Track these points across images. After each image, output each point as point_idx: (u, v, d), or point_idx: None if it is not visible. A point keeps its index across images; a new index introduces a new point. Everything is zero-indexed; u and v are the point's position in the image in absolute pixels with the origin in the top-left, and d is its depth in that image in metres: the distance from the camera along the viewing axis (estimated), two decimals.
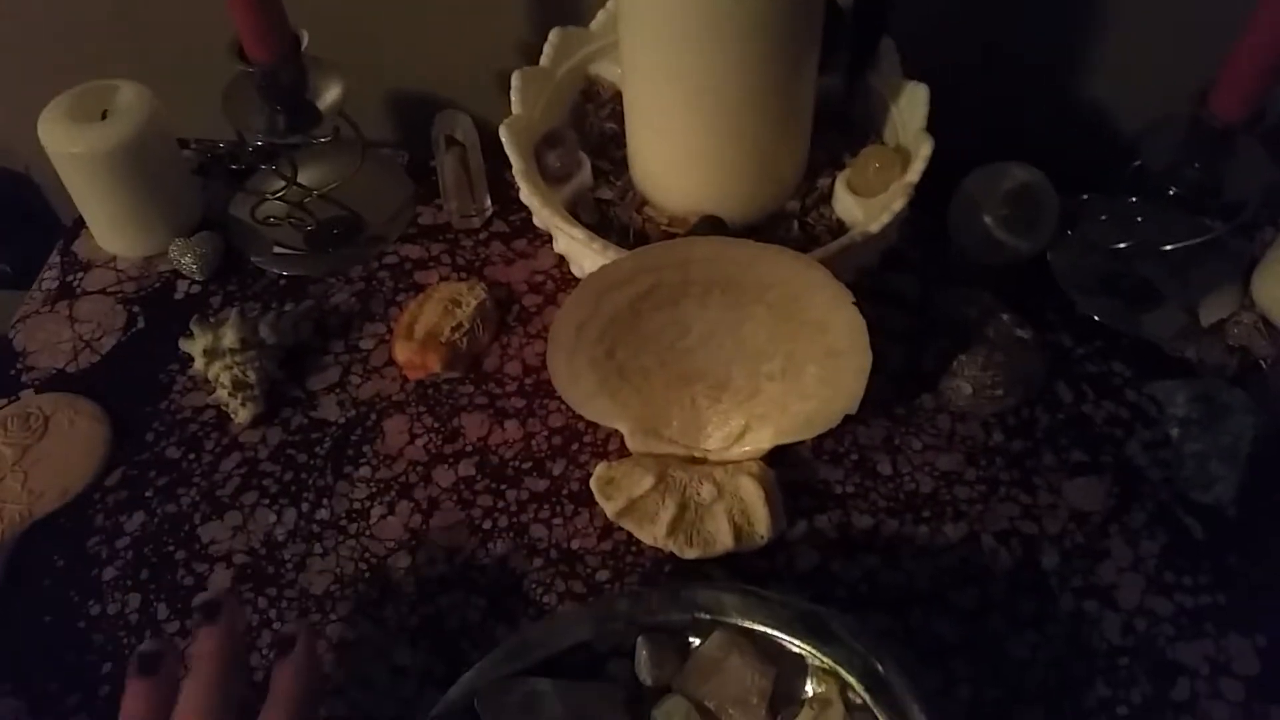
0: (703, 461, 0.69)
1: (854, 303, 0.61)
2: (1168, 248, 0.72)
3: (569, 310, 0.63)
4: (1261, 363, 0.72)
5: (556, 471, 0.70)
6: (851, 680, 0.54)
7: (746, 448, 0.69)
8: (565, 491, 0.69)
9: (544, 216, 0.67)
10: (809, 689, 0.57)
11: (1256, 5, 0.61)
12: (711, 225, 0.67)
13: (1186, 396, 0.67)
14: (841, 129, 0.74)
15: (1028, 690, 0.60)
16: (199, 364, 0.73)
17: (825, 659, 0.55)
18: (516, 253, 0.81)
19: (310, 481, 0.70)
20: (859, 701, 0.54)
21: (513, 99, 0.70)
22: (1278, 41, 0.62)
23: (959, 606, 0.63)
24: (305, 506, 0.69)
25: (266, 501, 0.69)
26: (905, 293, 0.77)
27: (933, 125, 0.69)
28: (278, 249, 0.83)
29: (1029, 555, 0.65)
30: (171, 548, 0.68)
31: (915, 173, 0.66)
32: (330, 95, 0.76)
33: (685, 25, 0.60)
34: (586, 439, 0.71)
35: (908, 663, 0.58)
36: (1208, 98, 0.67)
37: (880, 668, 0.53)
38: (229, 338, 0.72)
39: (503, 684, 0.55)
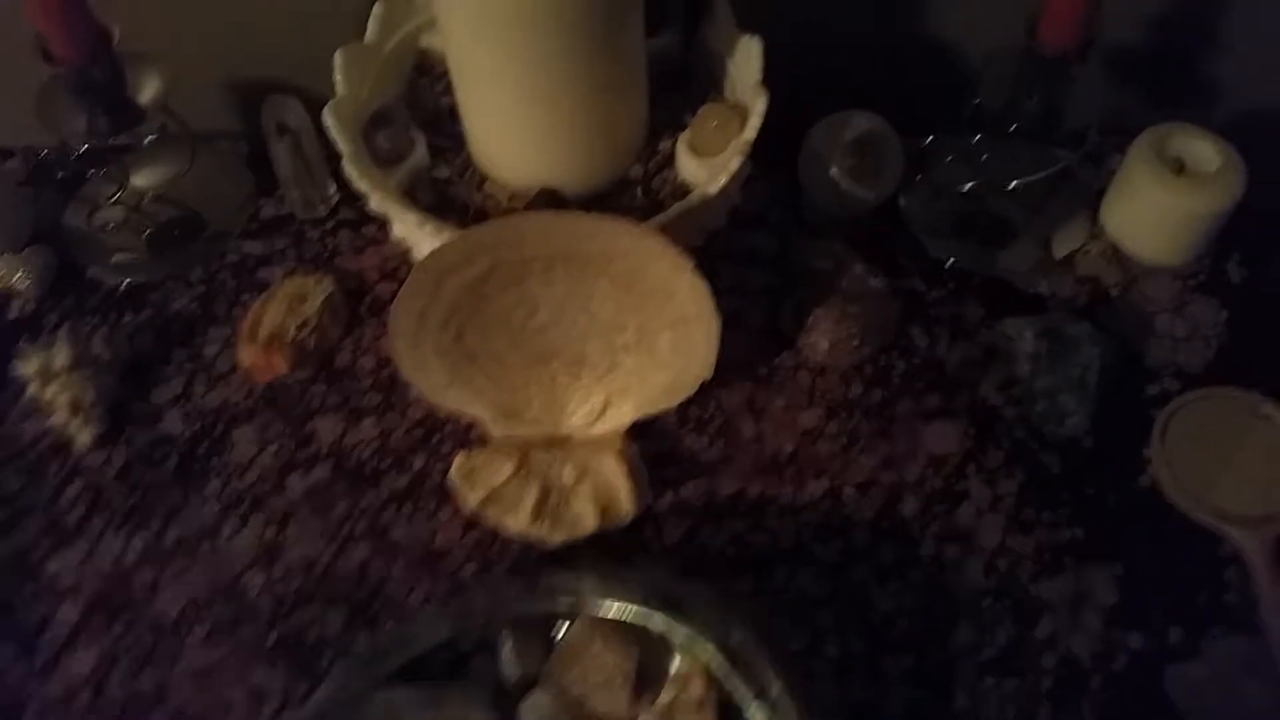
0: (566, 441, 0.68)
1: (694, 267, 0.60)
2: (1014, 184, 0.72)
3: (406, 298, 0.61)
4: (1111, 291, 0.73)
5: (417, 466, 0.68)
6: (709, 653, 0.54)
7: (610, 423, 0.68)
8: (427, 486, 0.67)
9: (376, 201, 0.64)
10: (675, 666, 0.57)
11: None
12: (547, 199, 0.65)
13: (1034, 332, 0.68)
14: (681, 88, 0.72)
15: (895, 640, 0.61)
16: (34, 387, 0.70)
17: (683, 632, 0.54)
18: (367, 239, 0.78)
19: (159, 501, 0.68)
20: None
21: (336, 79, 0.67)
22: None
23: (823, 561, 0.64)
24: (155, 527, 0.67)
25: (115, 526, 0.67)
26: (762, 250, 0.76)
27: (771, 78, 0.67)
28: (118, 256, 0.79)
29: (889, 504, 0.65)
30: (17, 584, 0.65)
31: (751, 129, 0.64)
32: (150, 90, 0.72)
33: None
34: (448, 429, 0.70)
35: (768, 627, 0.58)
36: (1037, 28, 0.66)
37: (735, 637, 0.53)
38: (62, 357, 0.69)
39: (359, 697, 0.54)
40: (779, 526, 0.65)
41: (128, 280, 0.78)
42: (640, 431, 0.68)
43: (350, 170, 0.64)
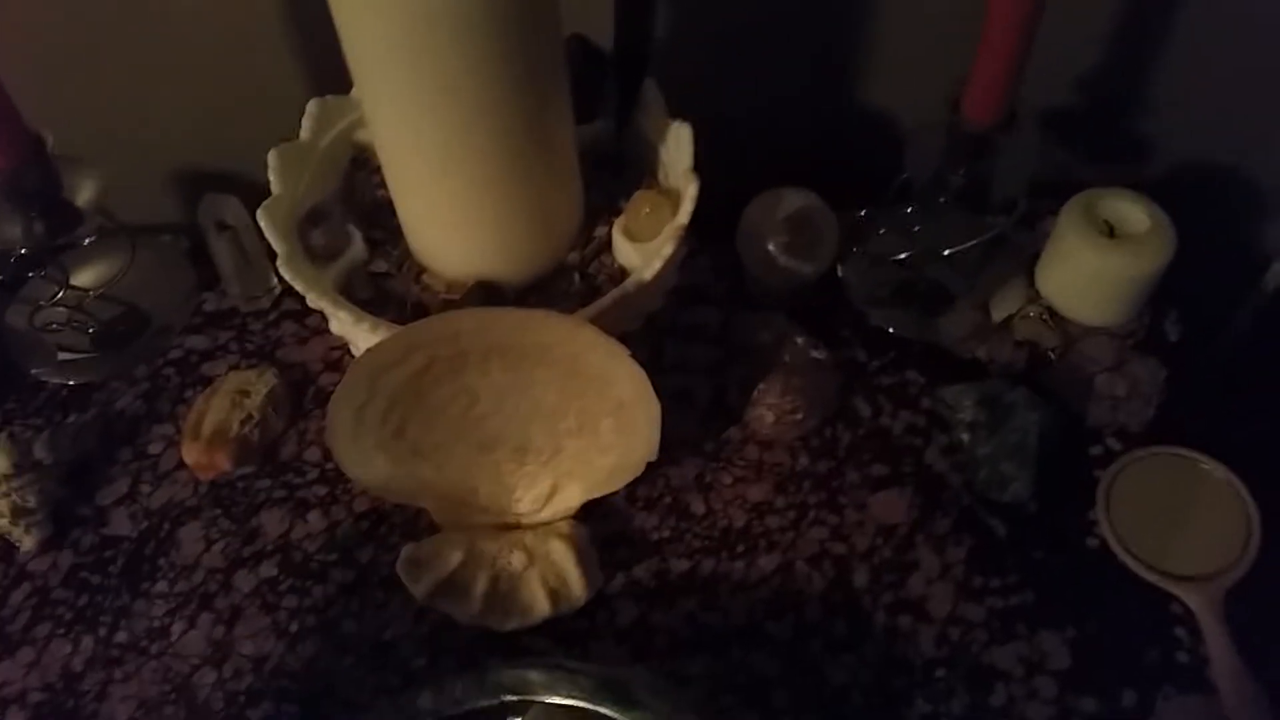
0: (516, 527, 0.68)
1: (630, 355, 0.60)
2: (947, 252, 0.73)
3: (342, 396, 0.61)
4: (1050, 353, 0.74)
5: (365, 559, 0.68)
6: None
7: (557, 507, 0.68)
8: (375, 579, 0.67)
9: (313, 299, 0.65)
10: None
11: (987, 10, 0.62)
12: (484, 291, 0.66)
13: (973, 400, 0.68)
14: (616, 173, 0.73)
15: (849, 715, 0.61)
16: None
17: None
18: (310, 329, 0.78)
19: (106, 604, 0.67)
20: None
21: (271, 178, 0.67)
22: (1012, 43, 0.63)
23: (776, 638, 0.63)
24: (103, 631, 0.66)
25: (61, 631, 0.66)
26: (707, 325, 0.77)
27: (705, 159, 0.68)
28: (63, 355, 0.79)
29: (841, 576, 0.65)
30: None
31: (684, 214, 0.65)
32: (87, 192, 0.72)
33: (415, 85, 0.58)
34: (395, 519, 0.69)
35: (722, 709, 0.58)
36: (960, 104, 0.68)
37: None
38: (2, 464, 0.68)
39: None
40: (731, 604, 0.65)
41: (72, 380, 0.77)
42: (589, 512, 0.67)
43: (286, 271, 0.64)
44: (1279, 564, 0.64)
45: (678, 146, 0.69)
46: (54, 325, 0.79)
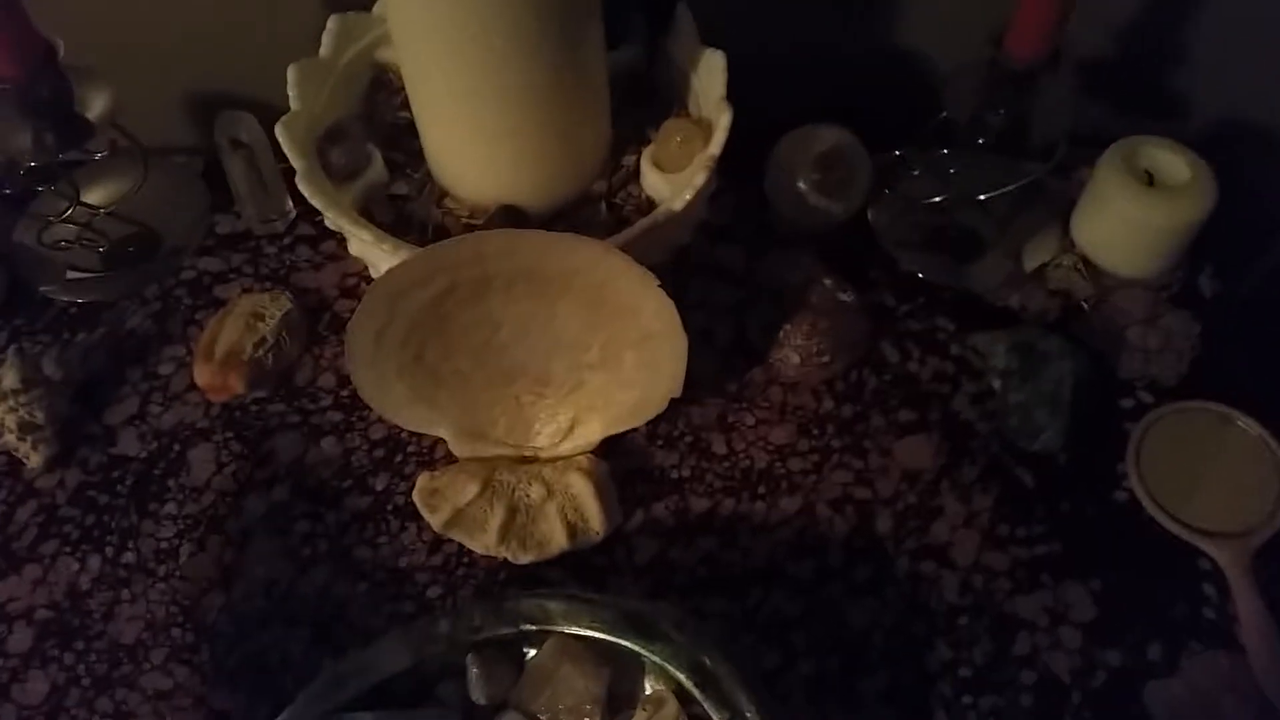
0: (534, 460, 0.67)
1: (659, 284, 0.58)
2: (982, 197, 0.72)
3: (361, 318, 0.60)
4: (1083, 304, 0.72)
5: (380, 487, 0.66)
6: (680, 676, 0.52)
7: (577, 442, 0.66)
8: (390, 507, 0.66)
9: (331, 218, 0.63)
10: (647, 687, 0.55)
11: None
12: (509, 216, 0.64)
13: (1006, 347, 0.67)
14: (644, 102, 0.71)
15: (870, 658, 0.60)
16: None
17: (653, 657, 0.53)
18: (325, 255, 0.77)
19: (114, 524, 0.66)
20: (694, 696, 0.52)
21: (290, 94, 0.65)
22: None
23: (797, 579, 0.62)
24: (110, 551, 0.65)
25: (68, 550, 0.65)
26: (730, 264, 0.75)
27: (736, 91, 0.66)
28: (72, 274, 0.77)
29: (864, 521, 0.64)
30: None
31: (716, 145, 0.63)
32: (99, 105, 0.70)
33: (448, 4, 0.56)
34: (410, 449, 0.68)
35: (742, 648, 0.57)
36: (1004, 41, 0.66)
37: (707, 660, 0.52)
38: (9, 379, 0.67)
39: None
40: (751, 545, 0.64)
41: (81, 299, 0.75)
42: (609, 449, 0.66)
43: (304, 187, 0.63)
44: None
45: (710, 74, 0.67)
46: (63, 243, 0.77)
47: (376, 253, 0.62)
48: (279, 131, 0.63)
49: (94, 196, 0.77)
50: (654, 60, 0.70)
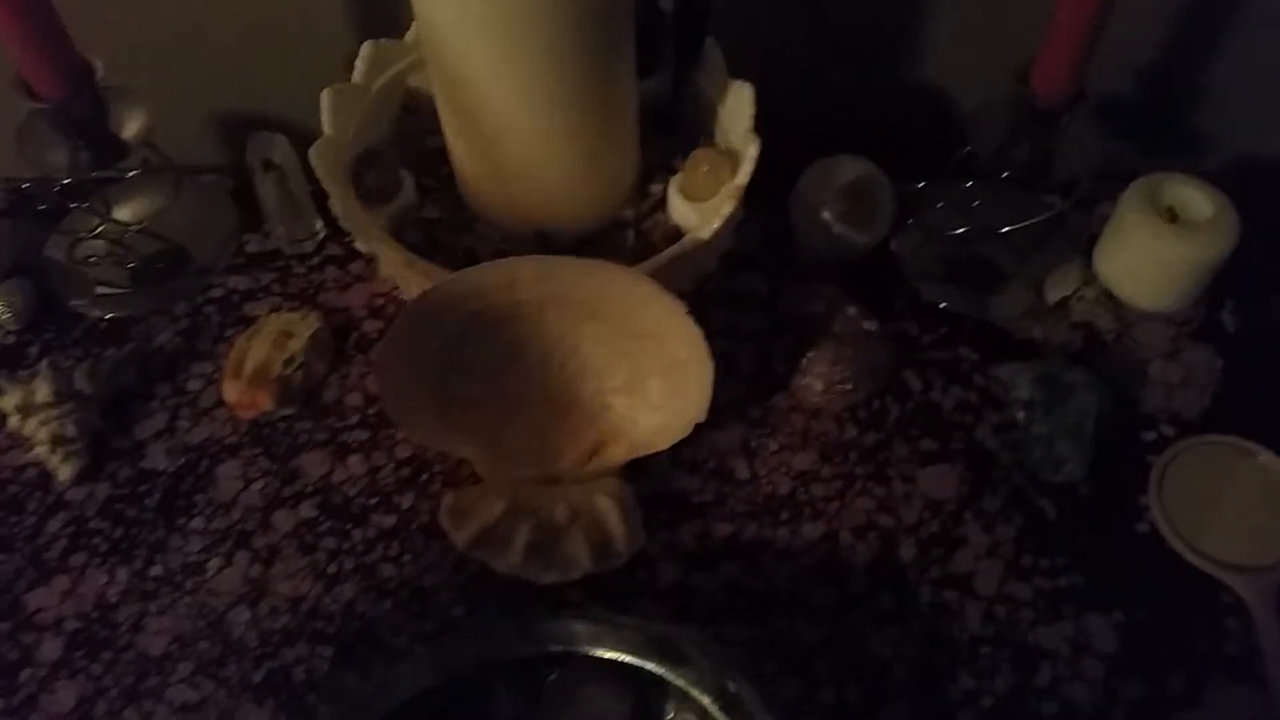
0: (557, 482, 0.67)
1: (687, 312, 0.59)
2: (1005, 229, 0.72)
3: (393, 340, 0.60)
4: (1106, 337, 0.73)
5: (405, 505, 0.67)
6: (704, 701, 0.52)
7: (601, 464, 0.67)
8: (415, 525, 0.66)
9: (364, 240, 0.64)
10: (670, 711, 0.55)
11: None
12: (539, 242, 0.65)
13: (1029, 378, 0.67)
14: (672, 132, 0.72)
15: (892, 688, 0.60)
16: (14, 421, 0.69)
17: (678, 681, 0.53)
18: (353, 276, 0.77)
19: (142, 537, 0.66)
20: None
21: (324, 119, 0.66)
22: (1088, 17, 0.62)
23: (819, 607, 0.62)
24: (138, 564, 0.65)
25: (97, 561, 0.65)
26: (754, 292, 0.75)
27: (763, 123, 0.67)
28: (101, 289, 0.78)
29: (886, 549, 0.64)
30: None
31: (744, 175, 0.64)
32: (134, 125, 0.71)
33: (485, 34, 0.57)
34: (436, 468, 0.68)
35: (764, 675, 0.57)
36: (1029, 77, 0.67)
37: (731, 685, 0.52)
38: (42, 392, 0.68)
39: None
40: (774, 571, 0.64)
41: (110, 314, 0.76)
42: (633, 472, 0.67)
43: (337, 210, 0.64)
44: None
45: (738, 106, 0.68)
46: (93, 258, 0.78)
47: (408, 275, 0.62)
48: (313, 157, 0.64)
49: (125, 213, 0.79)
50: (682, 91, 0.71)
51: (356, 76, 0.70)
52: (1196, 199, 0.71)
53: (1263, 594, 0.61)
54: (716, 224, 0.63)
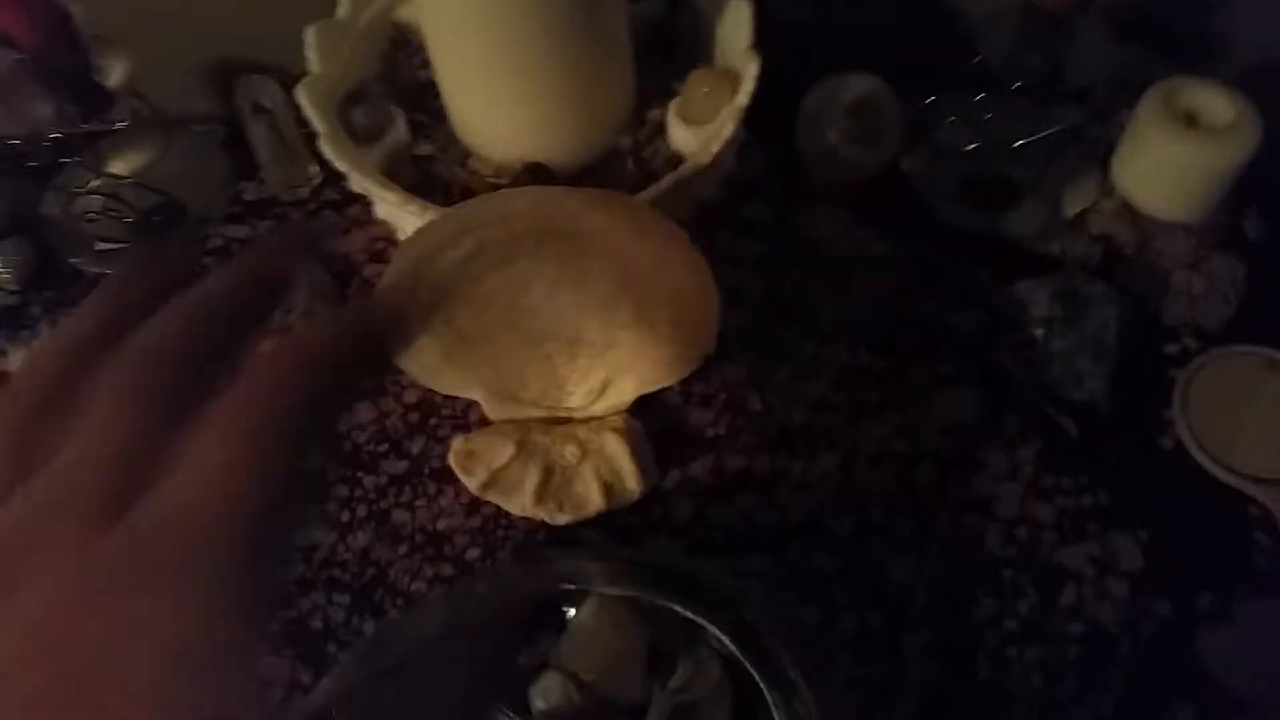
0: (568, 421, 0.66)
1: (691, 241, 0.57)
2: (1018, 143, 0.70)
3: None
4: (1125, 250, 0.71)
5: (415, 450, 0.66)
6: (721, 634, 0.51)
7: (611, 401, 0.66)
8: (426, 471, 0.65)
9: (356, 180, 0.62)
10: (688, 646, 0.55)
11: None
12: (534, 174, 0.63)
13: (1048, 294, 0.65)
14: (668, 55, 0.70)
15: (913, 614, 0.59)
16: None
17: (694, 616, 0.52)
18: (352, 220, 0.76)
19: None
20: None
21: (309, 56, 0.64)
22: None
23: (837, 536, 0.61)
24: None
25: None
26: (759, 219, 0.73)
27: (763, 41, 0.65)
28: (100, 245, 0.77)
29: (903, 474, 0.63)
30: None
31: (745, 94, 0.62)
32: (119, 74, 0.70)
33: None
34: (445, 412, 0.68)
35: (781, 607, 0.56)
36: None
37: (748, 617, 0.51)
38: None
39: (364, 687, 0.51)
40: (790, 502, 0.63)
41: (110, 270, 0.75)
42: (643, 408, 0.65)
43: (327, 150, 0.62)
44: None
45: (736, 24, 0.66)
46: (90, 214, 0.77)
47: (403, 214, 0.61)
48: (299, 94, 0.62)
49: (118, 167, 0.77)
50: (677, 11, 0.69)
51: (341, 12, 0.68)
52: (1216, 103, 0.68)
53: None
54: (717, 147, 0.61)
